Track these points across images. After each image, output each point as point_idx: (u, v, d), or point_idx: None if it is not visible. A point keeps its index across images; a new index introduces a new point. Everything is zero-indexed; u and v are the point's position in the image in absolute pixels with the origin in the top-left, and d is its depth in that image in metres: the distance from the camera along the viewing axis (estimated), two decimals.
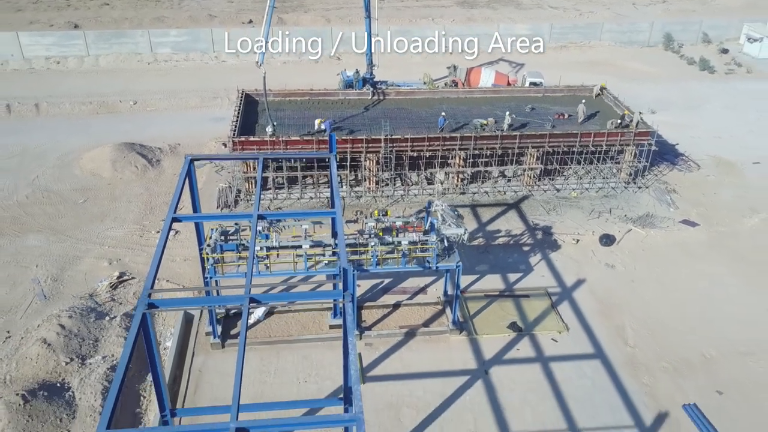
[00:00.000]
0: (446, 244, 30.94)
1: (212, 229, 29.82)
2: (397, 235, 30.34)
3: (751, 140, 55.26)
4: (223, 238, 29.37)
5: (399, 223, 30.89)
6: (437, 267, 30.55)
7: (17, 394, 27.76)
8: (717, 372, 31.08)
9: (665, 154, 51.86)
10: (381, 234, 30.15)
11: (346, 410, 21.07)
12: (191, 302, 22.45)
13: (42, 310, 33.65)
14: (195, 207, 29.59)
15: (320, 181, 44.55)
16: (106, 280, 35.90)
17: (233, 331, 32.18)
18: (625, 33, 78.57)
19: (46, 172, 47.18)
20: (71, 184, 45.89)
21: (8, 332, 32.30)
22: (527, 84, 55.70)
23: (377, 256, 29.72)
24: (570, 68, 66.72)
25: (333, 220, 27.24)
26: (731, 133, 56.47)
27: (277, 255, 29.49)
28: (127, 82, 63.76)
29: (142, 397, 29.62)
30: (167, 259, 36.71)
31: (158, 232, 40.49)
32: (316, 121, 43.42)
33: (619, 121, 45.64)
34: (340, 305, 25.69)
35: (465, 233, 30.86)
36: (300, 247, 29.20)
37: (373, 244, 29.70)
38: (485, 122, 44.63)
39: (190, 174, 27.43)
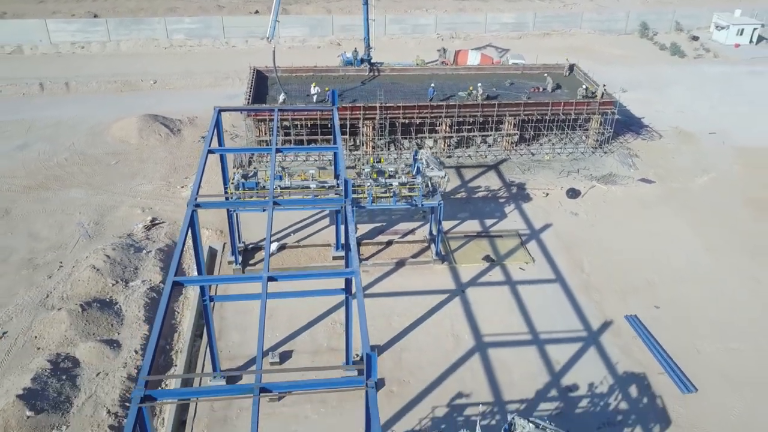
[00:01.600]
0: (430, 187, 36.60)
1: (234, 172, 35.43)
2: (389, 178, 36.01)
3: (711, 115, 60.83)
4: (243, 178, 34.96)
5: (391, 169, 36.61)
6: (422, 204, 36.22)
7: (76, 304, 33.47)
8: (657, 293, 36.78)
9: (631, 125, 57.55)
10: (375, 176, 35.83)
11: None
12: (228, 204, 28.12)
13: (88, 246, 39.30)
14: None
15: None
16: (140, 224, 41.55)
17: (251, 261, 37.92)
18: (604, 22, 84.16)
19: (80, 140, 52.76)
20: (103, 149, 51.48)
21: (61, 263, 37.96)
22: (510, 63, 61.30)
23: (372, 194, 35.38)
24: (551, 53, 72.01)
25: (335, 154, 32.68)
26: (693, 109, 62.08)
27: (290, 194, 35.08)
28: (147, 64, 69.29)
29: (176, 312, 35.30)
30: None
31: (182, 187, 46.24)
32: (312, 86, 48.59)
33: (585, 87, 51.47)
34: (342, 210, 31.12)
35: (445, 176, 36.54)
36: (308, 187, 34.83)
37: (368, 184, 35.36)
38: (471, 88, 50.31)
39: (218, 123, 32.98)
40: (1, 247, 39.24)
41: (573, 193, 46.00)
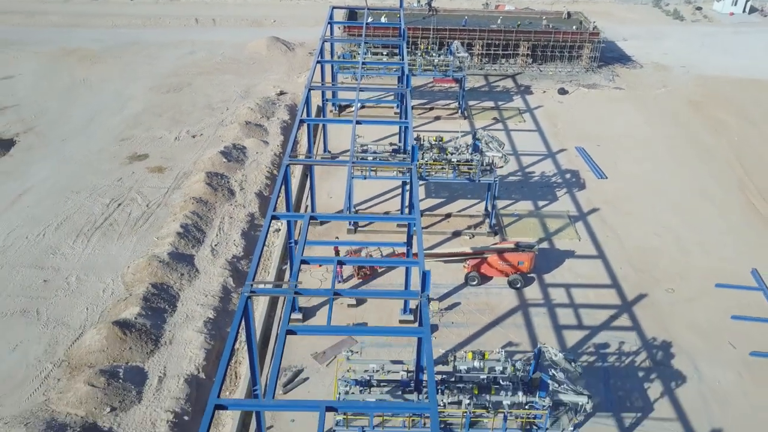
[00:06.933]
0: (459, 65, 55.95)
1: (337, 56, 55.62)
2: (435, 57, 55.72)
3: (688, 57, 77.08)
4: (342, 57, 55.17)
5: (435, 54, 56.32)
6: (453, 75, 55.66)
7: (242, 122, 54.59)
8: (600, 140, 54.84)
9: (621, 59, 74.81)
10: (424, 55, 55.57)
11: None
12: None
13: (241, 102, 60.52)
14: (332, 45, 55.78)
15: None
16: (273, 92, 62.57)
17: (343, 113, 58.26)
18: None
19: (227, 50, 74.44)
20: (243, 57, 72.93)
21: (227, 108, 59.33)
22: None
23: (422, 66, 55.14)
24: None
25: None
26: (675, 52, 78.46)
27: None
28: (267, 10, 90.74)
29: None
30: None
31: (298, 77, 67.08)
32: (383, 16, 68.41)
33: (580, 22, 69.54)
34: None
35: (468, 57, 55.77)
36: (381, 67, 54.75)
37: (419, 60, 55.12)
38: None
39: (331, 16, 53.21)
40: (191, 100, 61.00)
41: (562, 91, 64.21)
